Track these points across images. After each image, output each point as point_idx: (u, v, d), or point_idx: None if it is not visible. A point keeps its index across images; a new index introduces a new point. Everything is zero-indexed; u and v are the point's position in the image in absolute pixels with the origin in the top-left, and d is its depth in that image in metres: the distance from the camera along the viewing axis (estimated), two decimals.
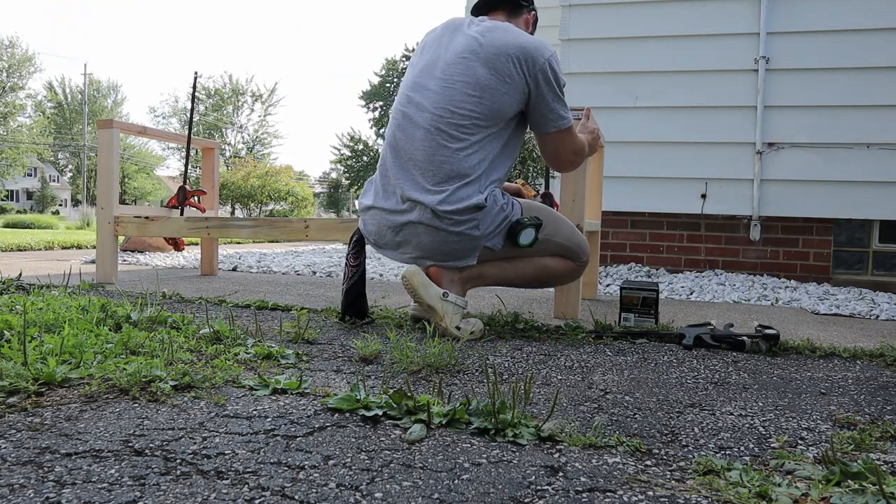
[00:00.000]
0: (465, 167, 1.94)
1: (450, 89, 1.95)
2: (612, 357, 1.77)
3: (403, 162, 2.00)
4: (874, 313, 2.92)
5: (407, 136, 2.00)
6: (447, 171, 1.93)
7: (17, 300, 2.14)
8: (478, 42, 1.96)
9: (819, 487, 0.89)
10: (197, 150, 4.11)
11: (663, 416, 1.24)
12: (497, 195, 1.98)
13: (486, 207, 1.94)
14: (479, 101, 1.93)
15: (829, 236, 4.03)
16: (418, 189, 1.95)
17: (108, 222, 3.25)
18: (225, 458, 0.96)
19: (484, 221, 1.94)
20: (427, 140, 1.95)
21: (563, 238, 2.10)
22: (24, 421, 1.10)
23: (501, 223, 1.97)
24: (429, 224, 1.93)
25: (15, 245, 6.04)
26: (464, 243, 1.95)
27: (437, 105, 1.96)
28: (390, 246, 2.05)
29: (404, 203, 1.97)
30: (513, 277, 2.10)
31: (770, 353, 1.88)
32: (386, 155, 2.07)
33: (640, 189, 4.26)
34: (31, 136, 40.85)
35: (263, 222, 3.09)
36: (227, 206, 20.43)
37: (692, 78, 4.13)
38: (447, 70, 1.98)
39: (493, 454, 1.01)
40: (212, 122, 45.75)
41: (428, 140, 1.95)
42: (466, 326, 1.96)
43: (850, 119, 3.87)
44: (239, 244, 8.02)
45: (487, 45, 1.95)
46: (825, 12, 3.89)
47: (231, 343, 1.71)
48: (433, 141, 1.94)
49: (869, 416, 1.28)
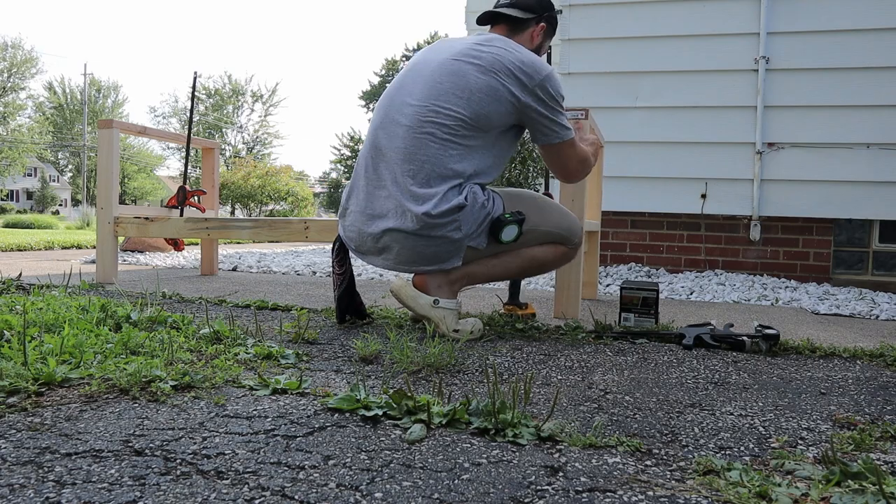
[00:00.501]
0: (450, 168, 1.87)
1: (437, 87, 1.90)
2: (612, 357, 1.77)
3: (384, 162, 1.94)
4: (874, 313, 2.92)
5: (388, 133, 1.94)
6: (429, 170, 1.87)
7: (17, 300, 2.14)
8: (476, 49, 1.93)
9: (819, 487, 0.89)
10: (197, 150, 4.11)
11: (663, 416, 1.24)
12: (477, 192, 1.91)
13: (467, 207, 1.88)
14: (467, 104, 1.87)
15: (829, 236, 4.03)
16: (399, 191, 1.89)
17: (108, 222, 3.25)
18: (225, 458, 0.96)
19: (466, 222, 1.88)
20: (409, 137, 1.89)
21: (551, 226, 2.05)
22: (24, 421, 1.10)
23: (483, 221, 1.91)
24: (409, 231, 1.87)
25: (15, 245, 6.04)
26: (446, 246, 1.90)
27: (423, 102, 1.90)
28: (372, 252, 1.99)
29: (384, 207, 1.91)
30: (502, 272, 2.06)
31: (770, 353, 1.88)
32: (366, 155, 2.00)
33: (640, 189, 4.26)
34: (31, 136, 40.87)
35: (263, 223, 3.09)
36: (228, 207, 20.43)
37: (692, 78, 4.13)
38: (438, 69, 1.92)
39: (493, 454, 1.01)
40: (212, 122, 45.77)
41: (410, 137, 1.89)
42: (465, 327, 1.95)
43: (850, 119, 3.87)
44: (239, 244, 8.02)
45: (485, 53, 1.92)
46: (825, 12, 3.89)
47: (231, 343, 1.71)
48: (416, 139, 1.88)
49: (869, 416, 1.28)
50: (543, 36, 2.12)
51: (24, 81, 39.30)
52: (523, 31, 2.08)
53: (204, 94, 45.71)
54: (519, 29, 2.08)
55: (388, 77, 41.64)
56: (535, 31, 2.10)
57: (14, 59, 38.47)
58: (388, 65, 41.63)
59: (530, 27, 2.09)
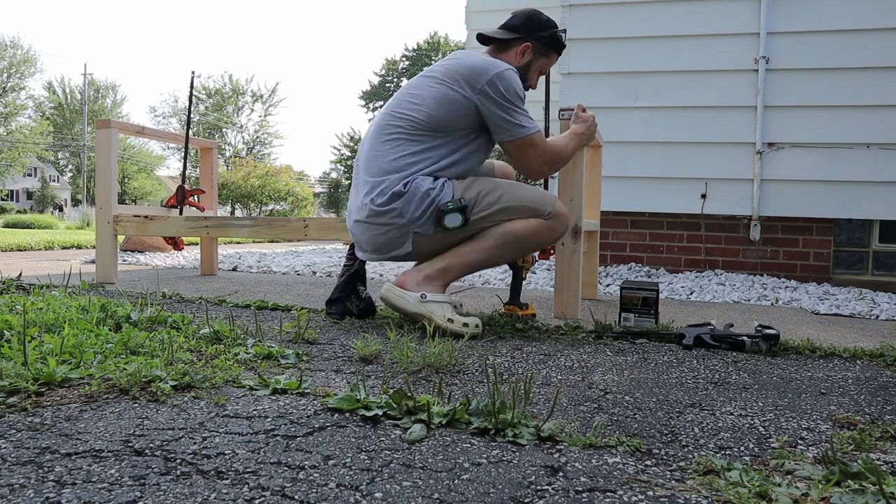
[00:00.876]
0: (396, 163, 2.04)
1: (397, 98, 2.13)
2: (612, 357, 1.77)
3: (358, 166, 2.17)
4: (874, 313, 2.92)
5: (365, 141, 2.19)
6: (379, 165, 2.06)
7: (17, 300, 2.14)
8: (438, 66, 2.13)
9: (819, 487, 0.89)
10: (196, 149, 4.11)
11: (663, 416, 1.24)
12: (421, 181, 2.01)
13: (406, 194, 2.00)
14: (419, 108, 2.04)
15: (829, 236, 4.03)
16: (361, 188, 2.10)
17: (108, 222, 3.25)
18: (225, 458, 0.96)
19: (407, 209, 2.00)
20: (372, 141, 2.12)
21: (512, 201, 2.05)
22: (24, 421, 1.10)
23: (428, 208, 2.00)
24: (363, 220, 2.08)
25: (15, 245, 6.04)
26: (394, 232, 2.04)
27: (384, 111, 2.14)
28: (358, 246, 2.19)
29: (355, 204, 2.14)
30: (478, 258, 2.07)
31: (770, 353, 1.88)
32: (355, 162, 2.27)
33: (640, 189, 4.26)
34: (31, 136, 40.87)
35: (262, 221, 3.09)
36: (227, 206, 20.43)
37: (692, 78, 4.13)
38: (406, 86, 2.17)
39: (493, 454, 1.01)
40: (212, 122, 45.77)
41: (372, 140, 2.12)
42: (460, 318, 1.98)
43: (850, 119, 3.87)
44: (239, 244, 8.02)
45: (441, 67, 2.11)
46: (825, 12, 3.89)
47: (231, 343, 1.71)
48: (375, 141, 2.10)
49: (869, 416, 1.28)
50: (533, 54, 2.25)
51: (24, 81, 39.30)
52: (508, 49, 2.24)
53: (204, 94, 45.71)
54: (504, 48, 2.24)
55: (389, 77, 41.67)
56: (518, 50, 2.23)
57: (13, 58, 38.46)
58: (388, 65, 41.60)
59: (514, 46, 2.24)
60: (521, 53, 2.23)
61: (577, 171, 2.44)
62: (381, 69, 42.01)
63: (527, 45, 2.23)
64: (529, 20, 2.23)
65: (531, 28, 2.23)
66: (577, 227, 2.43)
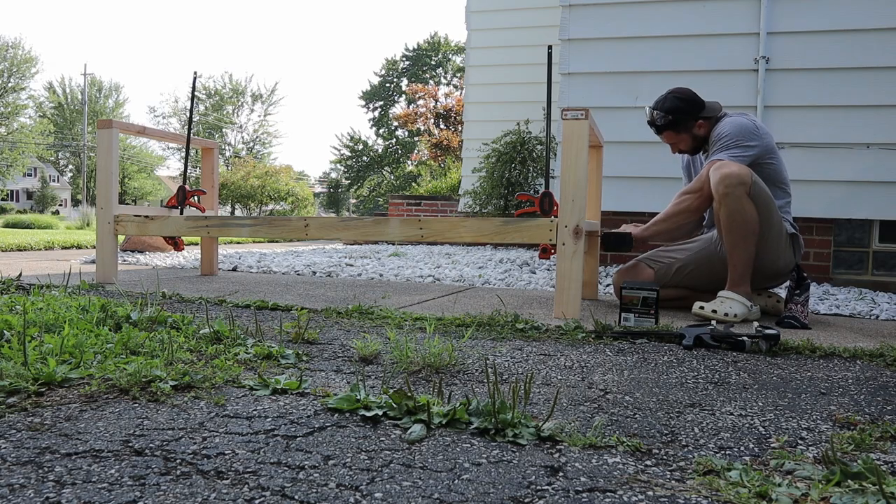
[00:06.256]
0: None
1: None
2: (612, 357, 1.77)
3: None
4: (874, 313, 2.92)
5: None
6: None
7: (17, 300, 2.14)
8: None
9: (819, 487, 0.89)
10: (196, 150, 4.11)
11: (663, 416, 1.24)
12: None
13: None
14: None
15: (829, 236, 4.03)
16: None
17: (108, 222, 3.25)
18: (225, 458, 0.96)
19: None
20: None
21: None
22: (24, 421, 1.10)
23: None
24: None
25: (15, 245, 6.03)
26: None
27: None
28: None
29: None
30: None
31: (770, 353, 1.88)
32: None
33: (640, 189, 4.26)
34: (32, 136, 40.89)
35: (263, 221, 3.09)
36: (227, 207, 20.44)
37: (692, 78, 4.12)
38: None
39: (493, 454, 1.01)
40: (212, 122, 45.79)
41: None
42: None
43: (850, 119, 3.87)
44: (239, 244, 8.02)
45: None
46: (825, 12, 3.89)
47: (231, 343, 1.71)
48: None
49: (869, 416, 1.28)
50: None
51: (25, 81, 39.29)
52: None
53: (204, 94, 45.73)
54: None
55: (389, 77, 41.63)
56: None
57: (14, 59, 38.46)
58: (388, 65, 41.57)
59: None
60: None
61: (579, 170, 2.44)
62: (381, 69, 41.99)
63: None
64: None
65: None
66: (578, 227, 2.43)
